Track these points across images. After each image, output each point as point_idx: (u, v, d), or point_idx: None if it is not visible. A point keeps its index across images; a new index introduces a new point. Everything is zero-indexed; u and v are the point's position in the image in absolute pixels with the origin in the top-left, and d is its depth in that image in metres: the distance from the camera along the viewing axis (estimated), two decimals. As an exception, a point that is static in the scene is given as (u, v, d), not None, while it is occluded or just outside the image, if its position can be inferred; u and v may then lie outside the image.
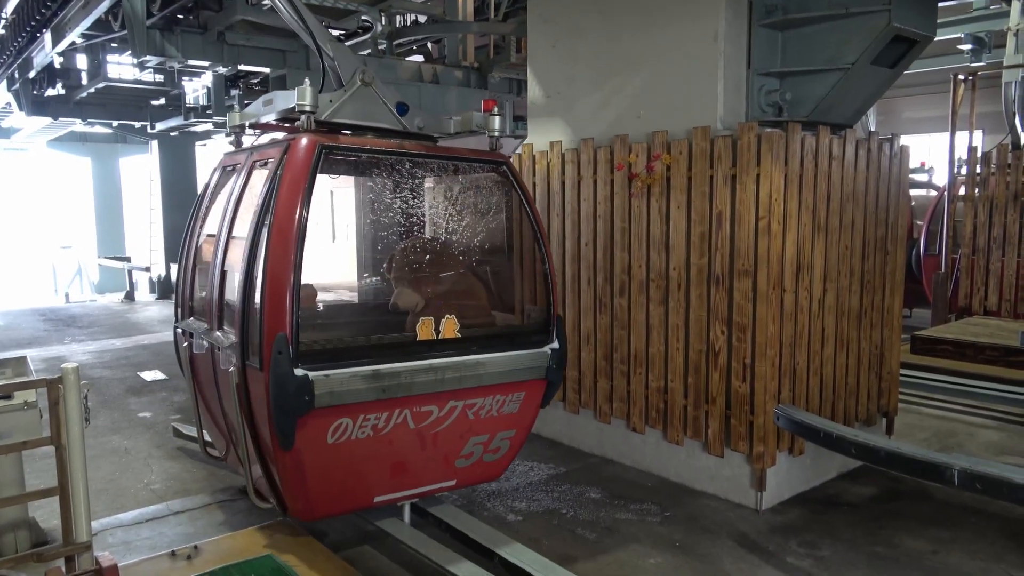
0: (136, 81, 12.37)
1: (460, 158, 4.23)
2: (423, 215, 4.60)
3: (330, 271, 5.26)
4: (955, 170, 10.24)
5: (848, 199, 5.26)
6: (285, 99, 3.92)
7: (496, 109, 4.26)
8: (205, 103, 12.89)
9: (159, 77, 12.43)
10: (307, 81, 3.71)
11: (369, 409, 3.68)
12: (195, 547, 3.99)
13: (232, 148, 4.58)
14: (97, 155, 21.09)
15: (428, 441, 3.99)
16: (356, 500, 3.99)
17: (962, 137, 10.25)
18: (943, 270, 10.21)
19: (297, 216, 3.51)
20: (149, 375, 9.14)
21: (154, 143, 16.34)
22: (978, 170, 9.90)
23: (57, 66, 12.49)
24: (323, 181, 3.80)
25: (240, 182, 4.11)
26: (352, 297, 5.54)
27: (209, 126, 14.09)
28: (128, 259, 18.42)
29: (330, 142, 3.77)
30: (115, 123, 14.98)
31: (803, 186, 4.86)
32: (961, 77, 10.14)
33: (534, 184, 6.19)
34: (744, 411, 4.88)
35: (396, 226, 4.73)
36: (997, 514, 4.85)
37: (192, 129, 15.03)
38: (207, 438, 4.90)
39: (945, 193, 10.43)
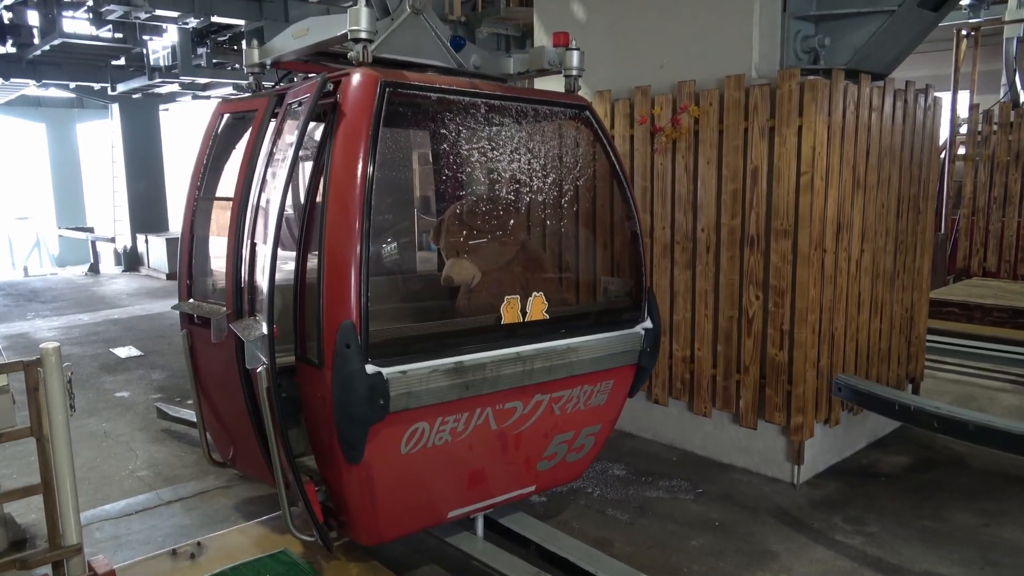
0: (94, 38, 11.52)
1: (540, 100, 3.52)
2: (489, 171, 3.85)
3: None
4: (954, 129, 10.04)
5: (885, 154, 4.94)
6: (326, 26, 3.18)
7: (573, 43, 3.65)
8: (170, 62, 12.13)
9: (119, 35, 11.60)
10: (362, 1, 2.98)
11: (448, 410, 3.06)
12: (198, 544, 3.59)
13: (236, 95, 4.03)
14: (53, 121, 19.98)
15: (510, 443, 3.40)
16: (429, 517, 3.39)
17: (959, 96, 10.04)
18: (942, 231, 10.05)
19: (361, 173, 2.78)
20: (123, 351, 8.60)
21: (115, 107, 15.42)
22: (979, 128, 9.70)
23: (6, 21, 11.61)
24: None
25: (265, 134, 3.42)
26: (398, 271, 4.72)
27: (175, 87, 13.31)
28: (91, 230, 17.56)
29: (394, 78, 3.01)
30: (72, 84, 14.08)
31: (844, 139, 4.52)
32: (964, 32, 9.87)
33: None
34: (781, 380, 4.58)
35: (456, 184, 4.08)
36: (1039, 482, 4.67)
37: (156, 91, 14.20)
38: (209, 439, 4.26)
39: (945, 153, 10.23)
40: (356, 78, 2.93)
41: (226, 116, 3.82)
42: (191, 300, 3.74)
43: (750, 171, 4.56)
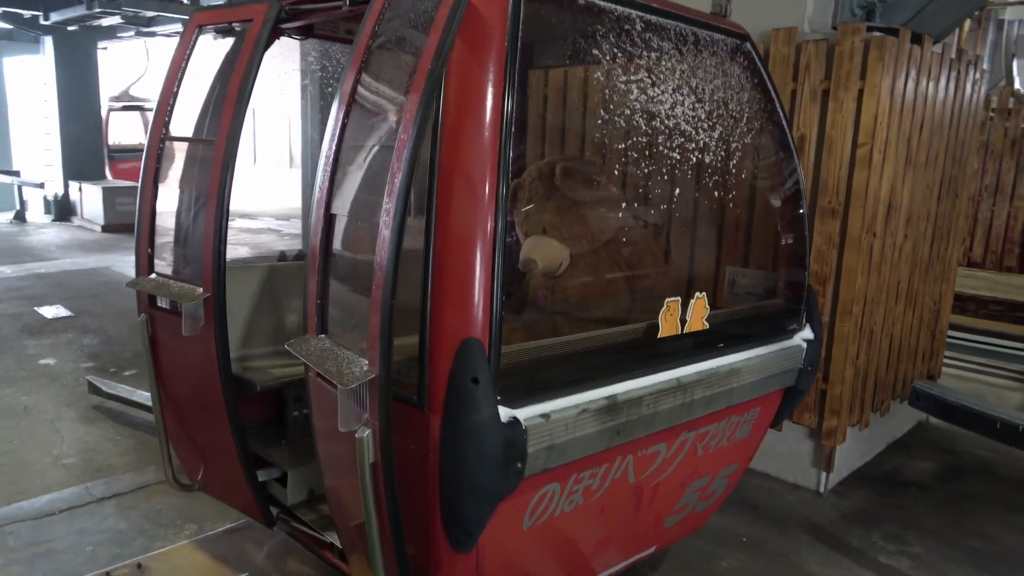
0: (24, -43, 10.24)
1: (697, 22, 2.58)
2: (606, 115, 2.91)
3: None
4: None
5: (936, 129, 4.44)
6: None
7: None
8: (112, -10, 10.90)
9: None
10: None
11: (586, 463, 2.21)
12: (139, 566, 2.90)
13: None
14: (-25, 53, 18.20)
15: (645, 498, 2.59)
16: None
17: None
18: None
19: (494, 113, 1.85)
20: (49, 311, 7.65)
21: (48, 40, 13.97)
22: (974, 114, 9.39)
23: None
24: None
25: (260, 54, 2.59)
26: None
27: (116, 19, 12.04)
28: (17, 173, 16.07)
29: None
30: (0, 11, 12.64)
31: (903, 109, 3.99)
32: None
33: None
34: (815, 378, 4.08)
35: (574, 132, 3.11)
36: (1076, 495, 4.32)
37: (95, 23, 12.86)
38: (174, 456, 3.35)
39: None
40: None
41: (205, 31, 2.93)
42: (154, 276, 2.91)
43: (795, 140, 3.99)
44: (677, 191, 3.02)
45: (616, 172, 2.94)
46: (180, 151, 2.88)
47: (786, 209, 3.00)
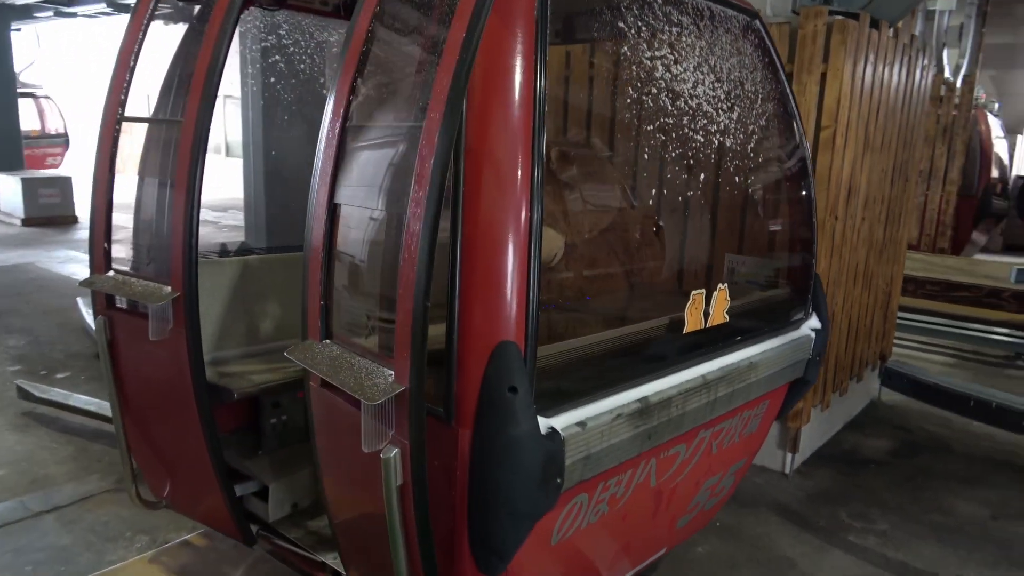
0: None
1: None
2: (609, 96, 2.76)
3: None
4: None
5: (890, 113, 4.51)
6: None
7: None
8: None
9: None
10: None
11: (614, 471, 2.06)
12: (88, 585, 2.67)
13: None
14: None
15: (663, 501, 2.48)
16: None
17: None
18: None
19: (523, 112, 1.67)
20: (-31, 312, 7.12)
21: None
22: (908, 101, 9.70)
23: None
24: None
25: (234, 18, 2.35)
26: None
27: (32, -1, 11.29)
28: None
29: None
30: None
31: (863, 92, 4.03)
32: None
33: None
34: (780, 361, 4.10)
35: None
36: (1023, 467, 4.48)
37: (11, 1, 12.04)
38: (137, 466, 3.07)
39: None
40: None
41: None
42: (112, 274, 2.63)
43: (759, 123, 3.97)
44: (686, 174, 2.85)
45: (620, 155, 2.78)
46: (139, 134, 2.62)
47: (793, 192, 2.92)
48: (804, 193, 2.83)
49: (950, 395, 3.57)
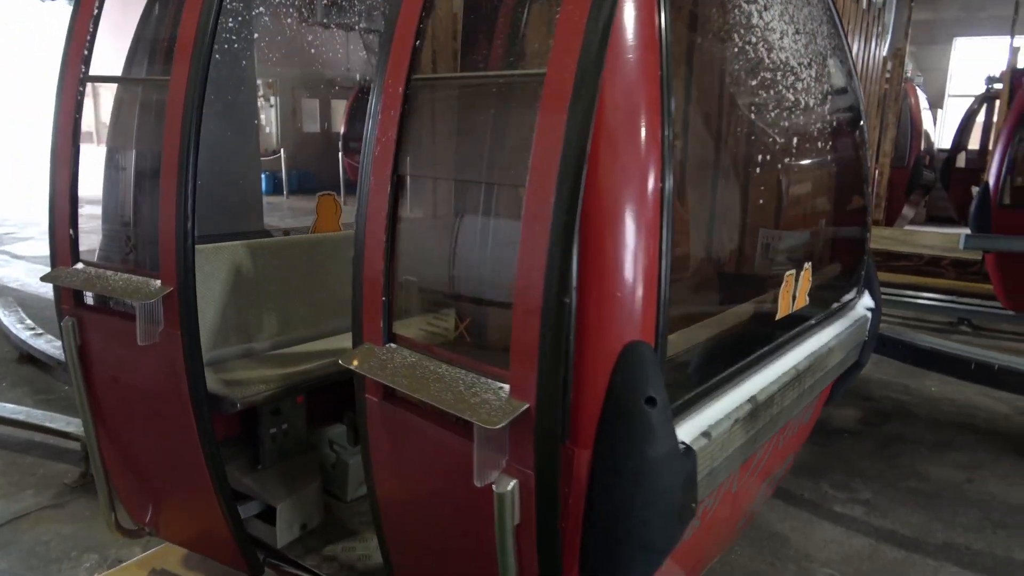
0: None
1: None
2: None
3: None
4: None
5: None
6: None
7: None
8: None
9: None
10: None
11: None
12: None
13: None
14: None
15: (737, 505, 2.27)
16: None
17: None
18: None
19: (650, 64, 1.40)
20: None
21: None
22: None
23: None
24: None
25: None
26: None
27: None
28: None
29: None
30: None
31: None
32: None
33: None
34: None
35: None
36: (986, 428, 4.58)
37: None
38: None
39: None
40: None
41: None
42: (80, 266, 2.25)
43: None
44: (775, 141, 2.47)
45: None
46: (109, 96, 2.24)
47: (851, 159, 2.71)
48: (860, 161, 2.67)
49: (951, 359, 3.58)
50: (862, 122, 2.65)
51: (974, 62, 14.89)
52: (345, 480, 2.87)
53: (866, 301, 2.65)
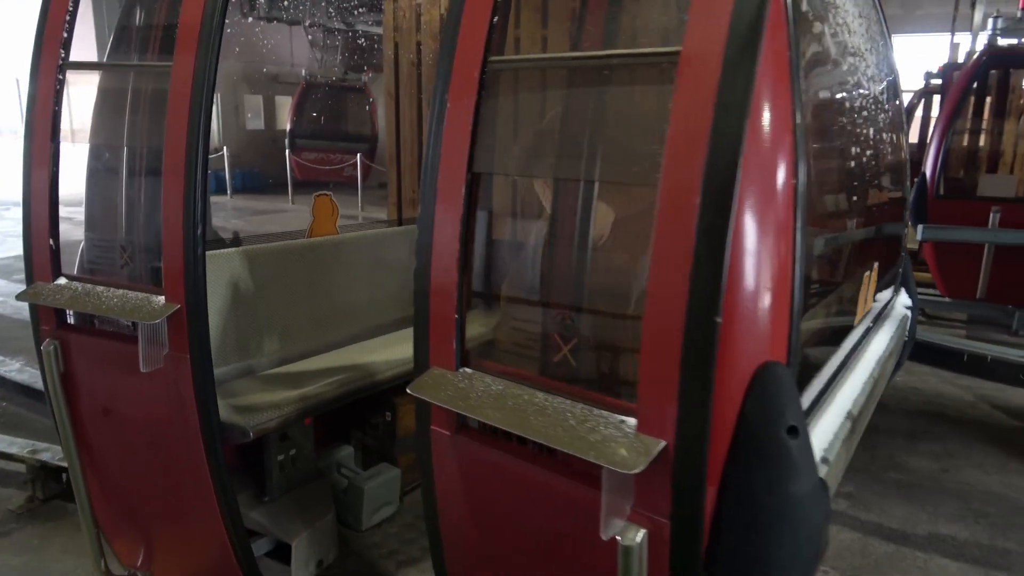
0: None
1: None
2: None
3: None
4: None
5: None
6: None
7: None
8: None
9: None
10: None
11: None
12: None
13: None
14: None
15: None
16: None
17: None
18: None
19: (784, 63, 1.24)
20: None
21: None
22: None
23: None
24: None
25: None
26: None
27: None
28: None
29: None
30: None
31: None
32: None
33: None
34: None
35: None
36: (954, 417, 4.66)
37: None
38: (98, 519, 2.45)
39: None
40: None
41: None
42: (63, 281, 1.98)
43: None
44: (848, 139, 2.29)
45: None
46: (92, 86, 1.99)
47: (895, 157, 2.59)
48: (902, 159, 2.60)
49: (944, 352, 3.59)
50: (902, 114, 2.60)
51: (912, 59, 15.36)
52: (360, 507, 2.68)
53: (904, 299, 2.58)
